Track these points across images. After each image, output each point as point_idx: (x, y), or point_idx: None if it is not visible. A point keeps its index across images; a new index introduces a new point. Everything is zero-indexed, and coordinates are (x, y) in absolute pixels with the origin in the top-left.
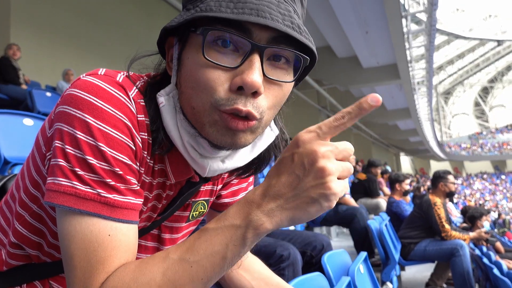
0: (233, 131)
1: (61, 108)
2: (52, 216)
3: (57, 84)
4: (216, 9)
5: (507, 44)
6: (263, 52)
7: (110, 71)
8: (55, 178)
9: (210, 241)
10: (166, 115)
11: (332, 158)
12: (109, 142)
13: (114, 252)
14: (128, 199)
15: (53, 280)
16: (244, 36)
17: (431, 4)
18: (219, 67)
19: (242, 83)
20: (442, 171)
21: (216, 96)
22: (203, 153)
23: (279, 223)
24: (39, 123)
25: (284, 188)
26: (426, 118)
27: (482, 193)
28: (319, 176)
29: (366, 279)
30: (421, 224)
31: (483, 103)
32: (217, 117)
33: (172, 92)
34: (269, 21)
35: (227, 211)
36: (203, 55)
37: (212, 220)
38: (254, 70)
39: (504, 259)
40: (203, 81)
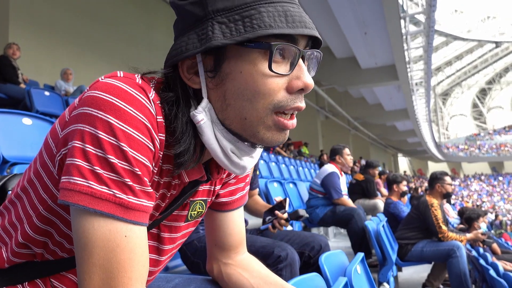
0: (285, 130)
1: (81, 110)
2: (62, 216)
3: (56, 83)
4: (275, 25)
5: (505, 46)
6: (305, 56)
7: (128, 73)
8: (70, 177)
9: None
10: (207, 131)
11: None
12: (131, 143)
13: (132, 255)
14: (141, 202)
15: (54, 278)
16: (295, 46)
17: (430, 6)
18: (276, 75)
19: (305, 85)
20: (439, 172)
21: (276, 100)
22: (242, 155)
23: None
24: (38, 122)
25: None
26: (424, 119)
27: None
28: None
29: (363, 280)
30: (418, 225)
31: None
32: (271, 123)
33: (207, 106)
34: (314, 31)
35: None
36: (269, 69)
37: None
38: (306, 73)
39: (501, 261)
40: (264, 90)
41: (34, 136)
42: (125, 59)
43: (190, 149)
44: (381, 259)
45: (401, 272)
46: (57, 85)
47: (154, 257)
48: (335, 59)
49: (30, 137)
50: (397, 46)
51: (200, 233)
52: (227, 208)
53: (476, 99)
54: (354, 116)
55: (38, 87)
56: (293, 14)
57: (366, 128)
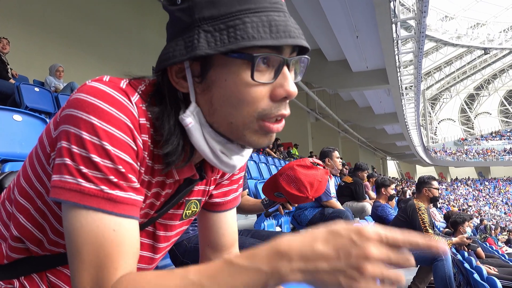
0: (271, 134)
1: (68, 111)
2: (55, 212)
3: (45, 79)
4: (258, 37)
5: (493, 53)
6: (289, 64)
7: (114, 78)
8: (61, 176)
9: (233, 277)
10: (195, 133)
11: (377, 266)
12: (113, 142)
13: (120, 247)
14: (129, 195)
15: (50, 273)
16: (279, 55)
17: (421, 11)
18: (260, 84)
19: (287, 94)
20: (426, 176)
21: (259, 108)
22: (231, 154)
23: (298, 281)
24: (28, 119)
25: (322, 259)
26: (413, 123)
27: (465, 199)
28: (356, 271)
29: None
30: (405, 228)
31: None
32: (257, 127)
33: (195, 110)
34: (299, 40)
35: (257, 252)
36: (252, 79)
37: (241, 255)
38: (290, 81)
39: (485, 265)
40: (248, 99)
41: (23, 133)
42: (117, 57)
43: (178, 149)
44: None
45: None
46: (47, 81)
47: (149, 255)
48: (327, 61)
49: (20, 134)
50: (388, 50)
51: (189, 234)
52: (220, 208)
53: (464, 105)
54: (344, 118)
55: (28, 82)
56: (278, 23)
57: (355, 131)
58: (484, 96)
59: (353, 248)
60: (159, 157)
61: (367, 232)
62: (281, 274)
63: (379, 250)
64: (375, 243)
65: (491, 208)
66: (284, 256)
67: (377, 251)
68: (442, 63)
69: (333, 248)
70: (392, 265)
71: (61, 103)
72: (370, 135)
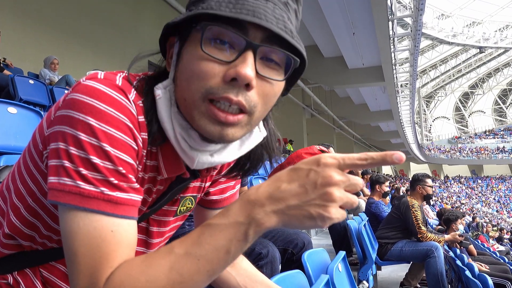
0: (223, 124)
1: (63, 112)
2: (49, 210)
3: (40, 71)
4: (216, 8)
5: (489, 52)
6: (256, 50)
7: (109, 74)
8: (59, 178)
9: (215, 236)
10: (161, 107)
11: (341, 188)
12: (113, 143)
13: (117, 247)
14: (130, 196)
15: (43, 268)
16: (239, 34)
17: (418, 9)
18: (214, 60)
19: (236, 74)
20: (420, 174)
21: (208, 85)
22: (194, 145)
23: (275, 225)
24: (23, 111)
25: (290, 196)
26: (408, 121)
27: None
28: (324, 199)
29: (343, 278)
30: (399, 225)
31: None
32: (203, 109)
33: (169, 86)
34: (264, 22)
35: (230, 208)
36: (201, 48)
37: (215, 217)
38: (247, 64)
39: (476, 262)
40: (197, 72)
41: (18, 125)
42: (112, 50)
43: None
44: (361, 258)
45: (380, 271)
46: (41, 73)
47: (142, 250)
48: (323, 58)
49: (14, 126)
50: (384, 47)
51: (185, 229)
52: (217, 205)
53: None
54: (339, 115)
55: (22, 74)
56: (246, 2)
57: (350, 128)
58: (479, 94)
59: (316, 177)
60: (152, 154)
61: (326, 159)
62: (257, 220)
63: (340, 174)
64: (335, 169)
65: (483, 206)
66: (255, 203)
67: (339, 176)
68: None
69: (298, 183)
70: (351, 188)
71: (56, 96)
72: (365, 132)
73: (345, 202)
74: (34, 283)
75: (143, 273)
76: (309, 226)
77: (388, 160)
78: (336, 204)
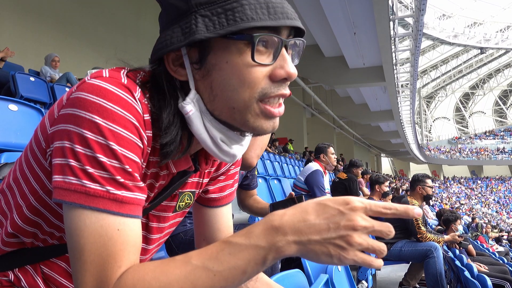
0: (274, 118)
1: (68, 110)
2: (51, 208)
3: (41, 69)
4: (257, 18)
5: (489, 52)
6: (287, 45)
7: (113, 72)
8: (65, 177)
9: (234, 255)
10: (196, 121)
11: (364, 233)
12: (119, 141)
13: (124, 246)
14: (135, 195)
15: (44, 265)
16: (278, 36)
17: (419, 9)
18: (260, 65)
19: (287, 75)
20: (421, 174)
21: (260, 88)
22: (232, 143)
23: (294, 254)
24: (24, 109)
25: (314, 230)
26: (408, 121)
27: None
28: (345, 241)
29: (343, 277)
30: (398, 225)
31: (464, 108)
32: (258, 110)
33: (195, 97)
34: (295, 22)
35: (253, 230)
36: (252, 59)
37: (237, 235)
38: (290, 63)
39: (475, 262)
40: (249, 80)
41: (19, 123)
42: (113, 47)
43: (177, 139)
44: None
45: (379, 271)
46: (42, 71)
47: (142, 246)
48: (324, 57)
49: (15, 124)
50: (385, 47)
51: (187, 227)
52: (216, 204)
53: (459, 103)
54: (339, 115)
55: (23, 72)
56: (275, 5)
57: (351, 127)
58: (479, 95)
59: (341, 218)
60: (155, 150)
61: (354, 203)
62: (278, 248)
63: (365, 220)
64: (361, 214)
65: (483, 207)
66: (279, 230)
67: (363, 221)
68: (438, 62)
69: (323, 219)
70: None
71: (56, 93)
72: (365, 132)
73: (365, 247)
74: (35, 279)
75: (157, 279)
76: (325, 261)
77: (410, 214)
78: (354, 249)
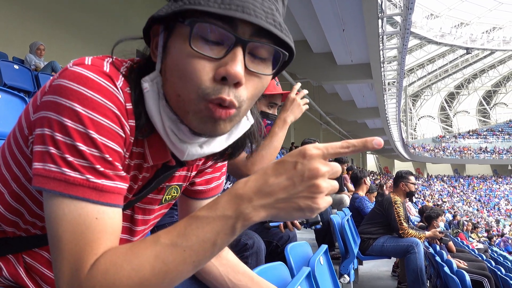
0: (215, 120)
1: (50, 97)
2: (34, 196)
3: (26, 57)
4: (205, 3)
5: (475, 53)
6: (245, 45)
7: (96, 59)
8: (45, 164)
9: (202, 229)
10: (149, 101)
11: (327, 177)
12: (100, 130)
13: (102, 234)
14: (116, 184)
15: (26, 254)
16: (229, 30)
17: (407, 8)
18: (204, 57)
19: (226, 74)
20: (404, 171)
21: (202, 86)
22: (183, 138)
23: (263, 218)
24: (7, 97)
25: (279, 189)
26: (394, 119)
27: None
28: (312, 191)
29: (325, 271)
30: (381, 221)
31: (448, 108)
32: (202, 107)
33: (156, 78)
34: (253, 18)
35: (218, 201)
36: (189, 45)
37: (202, 209)
38: (237, 62)
39: (455, 258)
40: (189, 71)
41: (2, 111)
42: (100, 37)
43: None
44: (343, 252)
45: (361, 265)
46: (27, 59)
47: (126, 238)
48: (312, 53)
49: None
50: (373, 45)
51: (174, 218)
52: (202, 196)
53: (444, 103)
54: (326, 111)
55: (7, 59)
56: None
57: (337, 124)
58: (464, 95)
59: (303, 170)
60: (138, 141)
61: (311, 151)
62: (245, 215)
63: (325, 165)
64: (320, 160)
65: (464, 205)
66: (244, 197)
67: (324, 166)
68: (425, 61)
69: (285, 176)
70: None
71: (41, 82)
72: (351, 129)
73: (330, 190)
74: (17, 269)
75: (128, 262)
76: (297, 216)
77: (369, 145)
78: (323, 195)
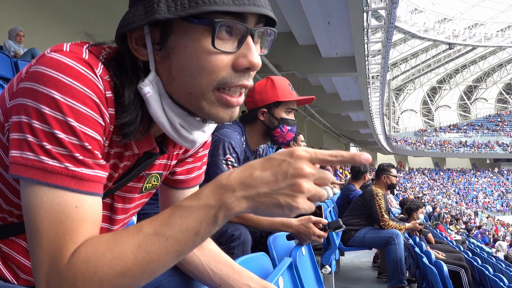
0: (232, 107)
1: (27, 84)
2: (9, 184)
3: (4, 43)
4: (220, 2)
5: (457, 48)
6: (254, 34)
7: (75, 46)
8: (22, 152)
9: (185, 218)
10: (154, 104)
11: (311, 180)
12: (79, 118)
13: (81, 223)
14: (95, 172)
15: (3, 243)
16: (243, 24)
17: (392, 2)
18: (221, 52)
19: (250, 64)
20: (386, 164)
21: (221, 77)
22: (192, 129)
23: (245, 210)
24: None
25: (261, 183)
26: (377, 112)
27: (421, 187)
28: (293, 189)
29: (307, 261)
30: (363, 212)
31: (430, 102)
32: (214, 98)
33: (154, 79)
34: (263, 9)
35: (201, 191)
36: (213, 45)
37: (186, 199)
38: (254, 52)
39: (434, 250)
40: (208, 67)
41: None
42: (82, 23)
43: (137, 120)
44: (325, 243)
45: (343, 256)
46: (6, 45)
47: (106, 226)
48: (297, 45)
49: None
50: (357, 38)
51: None
52: (183, 185)
53: (427, 97)
54: (311, 103)
55: None
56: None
57: (321, 116)
58: (446, 89)
59: (288, 168)
60: (118, 128)
61: (299, 152)
62: (227, 205)
63: (311, 167)
64: (307, 162)
65: (444, 197)
66: (227, 188)
67: (309, 169)
68: (408, 55)
69: (270, 172)
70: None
71: (20, 69)
72: (335, 121)
73: (313, 194)
74: None
75: (110, 250)
76: (277, 214)
77: (357, 159)
78: (304, 195)
